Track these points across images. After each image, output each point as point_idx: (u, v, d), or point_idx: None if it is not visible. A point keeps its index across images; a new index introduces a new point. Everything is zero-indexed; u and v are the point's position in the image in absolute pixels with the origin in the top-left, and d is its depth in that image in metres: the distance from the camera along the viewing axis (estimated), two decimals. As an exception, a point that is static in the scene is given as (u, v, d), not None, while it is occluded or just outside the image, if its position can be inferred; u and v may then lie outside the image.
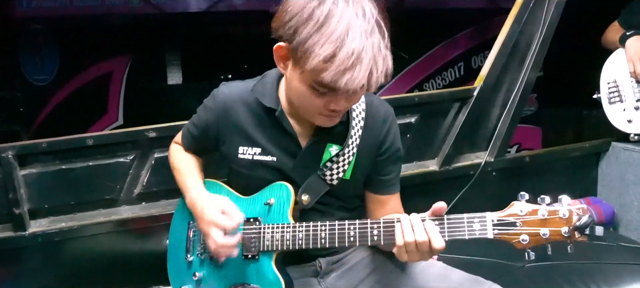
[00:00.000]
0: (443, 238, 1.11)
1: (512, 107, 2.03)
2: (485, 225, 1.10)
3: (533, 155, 2.13)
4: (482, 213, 1.10)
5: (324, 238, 1.24)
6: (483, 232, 1.09)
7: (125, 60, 4.45)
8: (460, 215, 1.11)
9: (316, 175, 1.32)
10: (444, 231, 1.12)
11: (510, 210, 1.09)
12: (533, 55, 2.01)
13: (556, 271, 1.66)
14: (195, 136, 1.44)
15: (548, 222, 1.05)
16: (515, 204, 1.09)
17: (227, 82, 1.39)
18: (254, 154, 1.33)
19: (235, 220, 1.26)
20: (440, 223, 1.13)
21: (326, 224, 1.24)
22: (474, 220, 1.10)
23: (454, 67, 4.96)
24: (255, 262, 1.32)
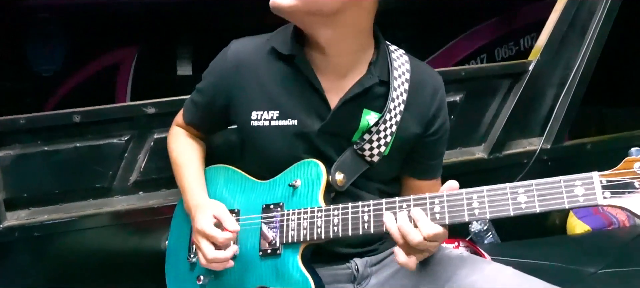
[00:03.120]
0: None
1: (572, 86, 1.74)
2: (592, 188, 0.84)
3: (595, 142, 1.83)
4: (585, 174, 0.85)
5: (367, 223, 0.97)
6: (590, 199, 0.83)
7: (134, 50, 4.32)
8: (555, 179, 0.85)
9: (352, 149, 1.07)
10: (534, 201, 0.86)
11: (624, 169, 0.83)
12: (597, 27, 1.72)
13: (637, 278, 1.38)
14: (200, 106, 1.19)
15: None
16: (629, 160, 0.83)
17: (239, 39, 1.15)
18: (271, 119, 1.09)
19: (226, 233, 1.04)
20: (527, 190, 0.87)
21: (369, 204, 0.98)
22: (575, 182, 0.85)
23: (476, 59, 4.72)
24: (276, 258, 1.06)
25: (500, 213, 0.88)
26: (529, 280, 1.03)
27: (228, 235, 1.04)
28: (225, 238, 1.03)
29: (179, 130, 1.27)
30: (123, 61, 4.32)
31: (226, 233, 1.04)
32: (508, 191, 0.88)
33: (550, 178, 0.86)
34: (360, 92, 1.05)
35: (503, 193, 0.88)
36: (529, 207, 0.86)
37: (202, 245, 1.04)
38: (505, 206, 0.88)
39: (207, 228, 1.04)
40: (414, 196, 0.95)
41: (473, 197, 0.90)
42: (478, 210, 0.89)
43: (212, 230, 1.04)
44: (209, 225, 1.04)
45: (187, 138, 1.25)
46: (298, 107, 1.08)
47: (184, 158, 1.22)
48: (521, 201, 0.87)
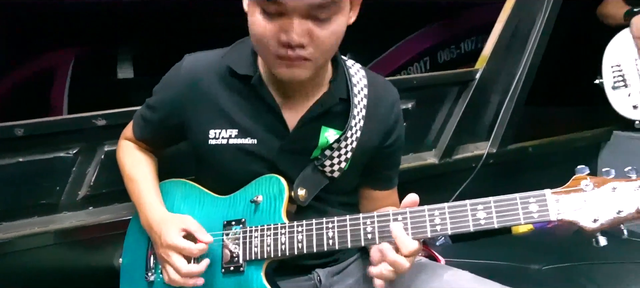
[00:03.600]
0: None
1: (515, 92, 1.84)
2: (545, 205, 0.88)
3: (536, 146, 1.94)
4: (538, 192, 0.89)
5: (332, 239, 0.97)
6: (543, 214, 0.88)
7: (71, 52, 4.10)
8: (511, 196, 0.89)
9: (313, 165, 1.07)
10: (492, 217, 0.90)
11: (573, 187, 0.89)
12: (536, 37, 1.82)
13: (577, 272, 1.49)
14: (152, 122, 1.15)
15: (621, 197, 0.87)
16: (577, 178, 0.89)
17: (192, 53, 1.11)
18: (229, 137, 1.07)
19: (200, 244, 1.01)
20: (485, 207, 0.90)
21: (334, 220, 0.98)
22: (530, 200, 0.88)
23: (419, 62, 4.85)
24: (240, 275, 1.05)
25: (460, 229, 0.91)
26: (486, 284, 1.07)
27: (202, 246, 1.01)
28: (200, 249, 1.01)
29: (129, 143, 1.22)
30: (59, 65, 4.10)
31: (200, 245, 1.01)
32: (468, 208, 0.91)
33: (507, 195, 0.90)
34: (321, 112, 1.05)
35: (463, 209, 0.92)
36: (488, 222, 0.90)
37: (173, 260, 1.01)
38: (465, 222, 0.91)
39: (179, 241, 1.01)
40: (377, 213, 0.97)
41: (435, 213, 0.93)
42: (440, 227, 0.92)
43: (185, 243, 1.01)
44: (180, 238, 1.02)
45: (138, 151, 1.21)
46: (257, 126, 1.06)
47: (137, 172, 1.18)
48: (480, 217, 0.90)
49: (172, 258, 1.02)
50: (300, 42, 0.91)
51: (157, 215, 1.09)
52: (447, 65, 4.28)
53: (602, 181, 0.88)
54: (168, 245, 1.02)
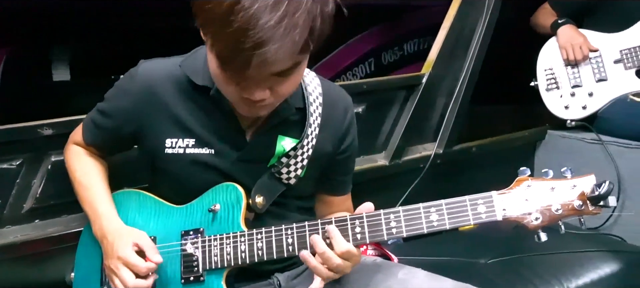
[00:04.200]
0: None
1: (459, 95, 1.93)
2: (492, 206, 0.94)
3: (479, 145, 2.05)
4: (485, 194, 0.95)
5: (292, 245, 1.00)
6: (490, 215, 0.94)
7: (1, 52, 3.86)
8: (461, 198, 0.95)
9: (270, 172, 1.09)
10: (444, 218, 0.95)
11: (516, 187, 0.95)
12: (478, 42, 1.92)
13: (521, 264, 1.58)
14: (104, 129, 1.13)
15: (559, 196, 0.94)
16: (520, 180, 0.96)
17: (148, 59, 1.10)
18: (186, 146, 1.06)
19: (149, 263, 1.02)
20: (438, 209, 0.95)
21: (293, 226, 1.01)
22: (478, 202, 0.94)
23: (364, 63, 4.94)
24: (200, 284, 1.05)
25: (415, 231, 0.96)
26: (438, 280, 1.13)
27: (151, 265, 1.01)
28: (148, 268, 1.01)
29: (79, 149, 1.19)
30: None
31: (149, 264, 1.01)
32: (421, 210, 0.96)
33: (457, 198, 0.96)
34: (277, 122, 1.07)
35: (417, 212, 0.96)
36: (440, 224, 0.95)
37: (122, 272, 1.01)
38: (419, 224, 0.96)
39: (130, 256, 1.00)
40: (335, 218, 1.00)
41: (390, 217, 0.97)
42: (395, 229, 0.97)
43: (135, 259, 1.00)
44: (132, 252, 1.01)
45: (89, 157, 1.19)
46: (214, 136, 1.07)
47: (89, 179, 1.15)
48: (433, 219, 0.96)
49: (120, 271, 1.01)
50: (262, 100, 0.91)
51: (112, 225, 1.07)
52: (391, 66, 4.38)
53: (542, 182, 0.96)
54: (118, 257, 1.01)
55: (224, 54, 0.84)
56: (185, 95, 1.06)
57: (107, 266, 1.05)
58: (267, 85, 0.89)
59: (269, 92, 0.91)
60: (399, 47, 4.59)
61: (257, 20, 0.78)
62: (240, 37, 0.79)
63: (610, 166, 1.89)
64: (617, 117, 1.96)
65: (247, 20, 0.78)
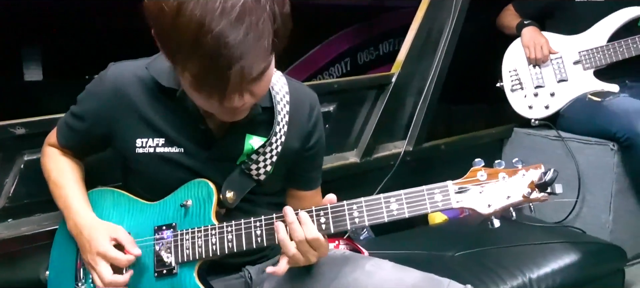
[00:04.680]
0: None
1: (428, 94, 1.99)
2: (447, 195, 1.00)
3: (447, 143, 2.11)
4: (442, 183, 1.00)
5: (260, 237, 1.03)
6: (446, 203, 0.99)
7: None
8: (419, 188, 1.00)
9: (240, 169, 1.12)
10: (403, 207, 1.00)
11: (470, 178, 1.01)
12: (445, 42, 1.98)
13: (487, 257, 1.64)
14: (77, 131, 1.16)
15: (510, 185, 1.00)
16: (474, 170, 1.01)
17: (116, 62, 1.13)
18: (156, 146, 1.10)
19: (128, 255, 1.05)
20: (398, 199, 1.00)
21: (261, 219, 1.04)
22: (435, 191, 1.00)
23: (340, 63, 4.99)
24: (173, 277, 1.08)
25: (376, 220, 1.01)
26: (405, 270, 1.17)
27: (131, 257, 1.04)
28: (128, 260, 1.04)
29: (54, 150, 1.22)
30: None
31: (129, 256, 1.04)
32: (382, 200, 1.01)
33: (415, 188, 1.01)
34: (245, 122, 1.08)
35: (378, 202, 1.01)
36: (400, 213, 1.00)
37: (100, 267, 1.03)
38: (380, 213, 1.01)
39: (109, 250, 1.04)
40: (301, 210, 1.03)
41: (353, 207, 1.02)
42: (358, 219, 1.01)
43: (114, 253, 1.04)
44: (110, 246, 1.04)
45: (64, 157, 1.21)
46: (182, 135, 1.10)
47: (64, 178, 1.17)
48: (393, 208, 1.00)
49: (98, 266, 1.04)
50: (242, 105, 0.95)
51: (86, 220, 1.10)
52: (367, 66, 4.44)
53: (494, 172, 1.01)
54: (97, 252, 1.04)
55: (200, 77, 0.87)
56: (153, 96, 1.10)
57: (85, 261, 1.07)
58: (247, 91, 0.92)
59: (249, 96, 0.94)
60: (374, 47, 4.66)
61: (226, 38, 0.81)
62: (214, 59, 0.83)
63: (571, 162, 1.97)
64: (577, 115, 2.05)
65: (216, 42, 0.81)
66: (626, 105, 1.90)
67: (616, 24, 2.04)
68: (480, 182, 1.01)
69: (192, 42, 0.82)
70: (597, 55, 2.04)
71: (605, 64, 2.04)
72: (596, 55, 2.05)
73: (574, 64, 2.09)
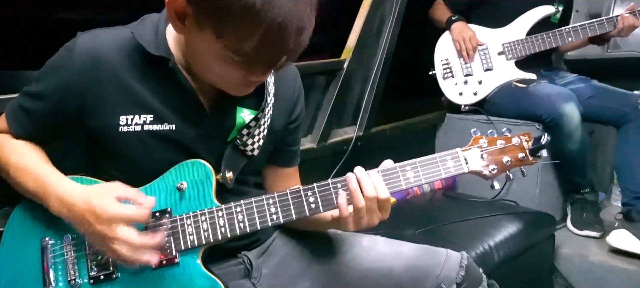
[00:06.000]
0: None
1: (375, 81, 2.05)
2: (458, 161, 1.05)
3: (392, 128, 2.20)
4: (452, 151, 1.06)
5: (275, 214, 0.99)
6: (458, 168, 1.05)
7: None
8: (432, 156, 1.04)
9: (233, 146, 1.06)
10: (420, 175, 1.02)
11: (474, 144, 1.08)
12: (390, 28, 2.06)
13: (445, 231, 1.74)
14: (38, 113, 1.00)
15: (506, 150, 1.09)
16: (476, 138, 1.09)
17: (86, 31, 0.99)
18: (144, 123, 0.99)
19: (143, 209, 0.91)
20: (413, 167, 1.02)
21: (274, 196, 1.00)
22: (446, 158, 1.05)
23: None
24: (174, 267, 0.99)
25: (396, 188, 1.02)
26: (399, 244, 1.20)
27: (147, 211, 0.92)
28: (147, 213, 0.91)
29: (7, 137, 1.03)
30: None
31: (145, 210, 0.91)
32: (398, 170, 1.02)
33: (428, 156, 1.04)
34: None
35: (395, 172, 1.02)
36: (417, 180, 1.02)
37: (123, 232, 0.88)
38: (398, 182, 1.02)
39: (123, 209, 0.89)
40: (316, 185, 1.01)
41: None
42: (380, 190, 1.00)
43: (132, 209, 0.90)
44: (123, 206, 0.90)
45: (20, 142, 1.03)
46: (173, 111, 1.00)
47: (29, 158, 1.00)
48: (410, 176, 1.02)
49: (120, 232, 0.88)
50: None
51: (76, 190, 0.93)
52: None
53: (493, 139, 1.09)
54: (111, 217, 0.88)
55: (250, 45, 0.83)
56: (137, 67, 0.98)
57: (94, 236, 0.90)
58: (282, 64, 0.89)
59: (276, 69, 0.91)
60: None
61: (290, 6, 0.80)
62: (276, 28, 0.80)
63: (501, 142, 2.16)
64: (503, 100, 2.25)
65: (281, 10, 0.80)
66: (548, 90, 2.13)
67: (533, 20, 2.27)
68: (482, 148, 1.07)
69: (250, 7, 0.78)
70: (518, 47, 2.26)
71: (525, 55, 2.26)
72: (517, 47, 2.26)
73: (498, 54, 2.29)
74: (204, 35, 0.86)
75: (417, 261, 1.14)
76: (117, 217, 0.88)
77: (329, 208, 1.00)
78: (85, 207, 0.90)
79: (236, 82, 0.94)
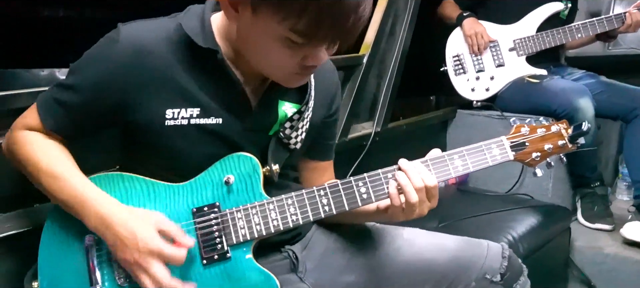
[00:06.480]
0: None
1: (392, 76, 2.06)
2: (504, 149, 1.07)
3: (408, 124, 2.21)
4: (497, 138, 1.08)
5: (327, 205, 0.99)
6: (504, 155, 1.07)
7: None
8: (477, 144, 1.05)
9: (276, 138, 1.05)
10: (467, 162, 1.03)
11: (516, 133, 1.10)
12: (404, 27, 2.07)
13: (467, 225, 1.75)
14: (75, 107, 0.97)
15: (547, 137, 1.11)
16: (518, 126, 1.11)
17: (127, 23, 0.96)
18: (190, 117, 0.97)
19: (182, 249, 0.91)
20: (460, 155, 1.04)
21: (325, 187, 1.00)
22: (492, 146, 1.07)
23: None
24: (226, 262, 0.97)
25: (444, 177, 1.03)
26: (440, 236, 1.21)
27: (184, 252, 0.90)
28: (184, 256, 0.90)
29: (35, 135, 0.99)
30: None
31: (183, 250, 0.90)
32: (446, 158, 1.03)
33: (474, 144, 1.06)
34: (281, 87, 1.02)
35: (443, 161, 1.03)
36: (465, 168, 1.04)
37: (156, 269, 0.88)
38: (447, 171, 1.03)
39: (164, 247, 0.88)
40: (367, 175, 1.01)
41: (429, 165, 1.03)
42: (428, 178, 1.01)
43: (171, 250, 0.89)
44: (163, 242, 0.89)
45: (51, 142, 1.00)
46: (220, 104, 0.99)
47: (61, 166, 0.96)
48: (458, 164, 1.04)
49: (153, 268, 0.88)
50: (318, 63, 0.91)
51: (117, 210, 0.91)
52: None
53: (534, 127, 1.12)
54: (150, 251, 0.88)
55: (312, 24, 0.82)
56: (184, 59, 0.96)
57: (127, 261, 0.90)
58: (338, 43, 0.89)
59: (330, 50, 0.90)
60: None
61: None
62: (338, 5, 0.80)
63: (514, 137, 2.18)
64: (514, 95, 2.27)
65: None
66: (563, 85, 2.17)
67: (544, 16, 2.30)
68: (525, 136, 1.09)
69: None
70: (529, 43, 2.29)
71: (535, 51, 2.29)
72: (528, 43, 2.29)
73: (509, 50, 2.32)
74: (261, 19, 0.85)
75: (460, 253, 1.15)
76: (155, 252, 0.88)
77: (382, 198, 1.00)
78: (126, 233, 0.89)
79: (291, 69, 0.92)
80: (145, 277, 0.89)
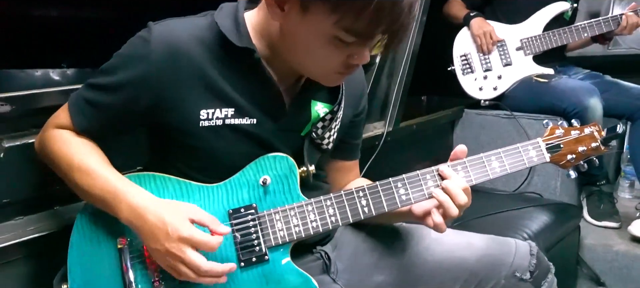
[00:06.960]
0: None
1: (403, 76, 2.06)
2: (540, 150, 1.08)
3: (418, 123, 2.21)
4: (533, 140, 1.09)
5: (366, 207, 0.99)
6: (541, 157, 1.08)
7: None
8: (514, 146, 1.06)
9: (310, 139, 1.04)
10: (505, 164, 1.04)
11: (551, 135, 1.11)
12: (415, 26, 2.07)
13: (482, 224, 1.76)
14: (107, 107, 0.96)
15: (581, 139, 1.12)
16: (552, 128, 1.12)
17: (159, 22, 0.95)
18: (225, 117, 0.96)
19: (217, 237, 0.90)
20: (497, 157, 1.04)
21: (364, 188, 1.00)
22: (528, 147, 1.07)
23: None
24: (264, 264, 0.97)
25: (482, 179, 1.03)
26: (467, 235, 1.21)
27: (220, 239, 0.90)
28: (218, 243, 0.89)
29: (67, 133, 0.99)
30: None
31: (219, 238, 0.89)
32: (484, 160, 1.04)
33: (510, 146, 1.06)
34: (313, 87, 1.02)
35: (481, 162, 1.04)
36: (502, 169, 1.04)
37: (190, 255, 0.87)
38: (485, 172, 1.03)
39: (194, 232, 0.87)
40: (406, 176, 1.01)
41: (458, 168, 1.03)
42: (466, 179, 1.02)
43: (203, 236, 0.87)
44: (195, 228, 0.88)
45: (84, 139, 0.99)
46: (254, 104, 0.98)
47: (94, 162, 0.95)
48: (495, 166, 1.04)
49: (188, 255, 0.87)
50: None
51: (149, 202, 0.90)
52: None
53: (568, 130, 1.13)
54: (182, 238, 0.86)
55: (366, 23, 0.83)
56: (218, 58, 0.95)
57: (159, 251, 0.88)
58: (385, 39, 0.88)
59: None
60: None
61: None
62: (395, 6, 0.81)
63: (523, 136, 2.21)
64: (522, 94, 2.29)
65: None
66: (572, 84, 2.19)
67: (550, 15, 2.32)
68: (560, 138, 1.10)
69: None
70: (536, 42, 2.31)
71: (542, 50, 2.31)
72: (535, 42, 2.31)
73: (516, 50, 2.33)
74: (311, 18, 0.85)
75: (489, 251, 1.15)
76: (187, 239, 0.87)
77: (421, 199, 1.01)
78: (158, 222, 0.88)
79: (335, 67, 0.92)
80: (181, 265, 0.87)
